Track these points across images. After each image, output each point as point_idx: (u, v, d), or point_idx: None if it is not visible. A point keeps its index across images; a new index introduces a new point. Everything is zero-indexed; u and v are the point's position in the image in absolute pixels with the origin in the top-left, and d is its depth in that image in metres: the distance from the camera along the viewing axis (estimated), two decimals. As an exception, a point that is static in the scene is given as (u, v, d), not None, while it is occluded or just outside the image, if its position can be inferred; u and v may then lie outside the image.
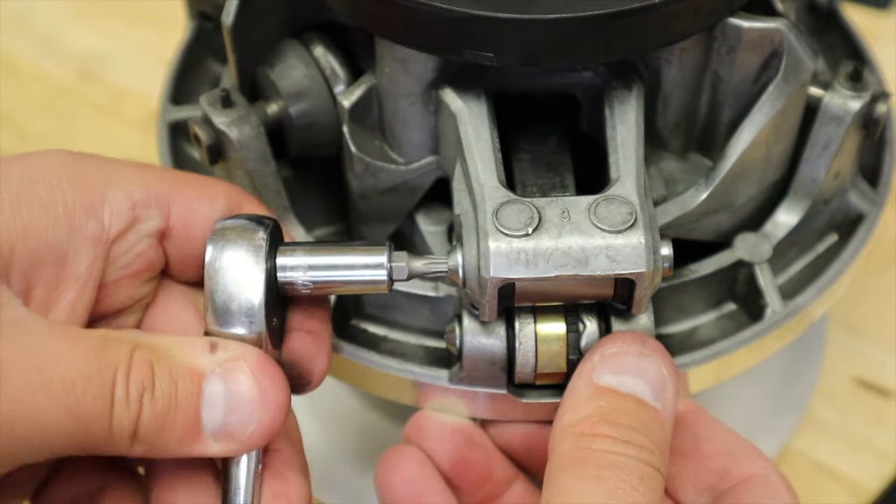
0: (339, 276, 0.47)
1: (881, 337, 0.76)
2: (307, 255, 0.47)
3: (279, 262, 0.47)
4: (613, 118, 0.50)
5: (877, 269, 0.79)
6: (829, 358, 0.75)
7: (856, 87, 0.53)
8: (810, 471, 0.70)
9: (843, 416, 0.58)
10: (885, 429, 0.72)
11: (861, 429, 0.72)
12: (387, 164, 0.54)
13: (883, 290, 0.78)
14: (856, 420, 0.72)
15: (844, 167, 0.56)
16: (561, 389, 0.52)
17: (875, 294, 0.78)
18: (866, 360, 0.75)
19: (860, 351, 0.76)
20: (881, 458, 0.70)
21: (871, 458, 0.71)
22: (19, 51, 0.96)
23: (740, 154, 0.52)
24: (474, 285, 0.47)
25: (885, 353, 0.76)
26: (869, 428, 0.72)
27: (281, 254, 0.47)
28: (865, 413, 0.73)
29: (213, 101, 0.53)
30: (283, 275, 0.47)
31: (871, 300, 0.78)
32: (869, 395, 0.74)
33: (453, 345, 0.51)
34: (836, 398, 0.73)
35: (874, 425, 0.72)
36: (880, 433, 0.72)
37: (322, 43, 0.55)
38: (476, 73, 0.50)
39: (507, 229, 0.46)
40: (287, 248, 0.47)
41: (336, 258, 0.47)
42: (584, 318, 0.50)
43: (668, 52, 0.51)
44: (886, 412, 0.73)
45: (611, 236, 0.46)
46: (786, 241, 0.56)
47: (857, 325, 0.77)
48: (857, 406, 0.73)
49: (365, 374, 0.55)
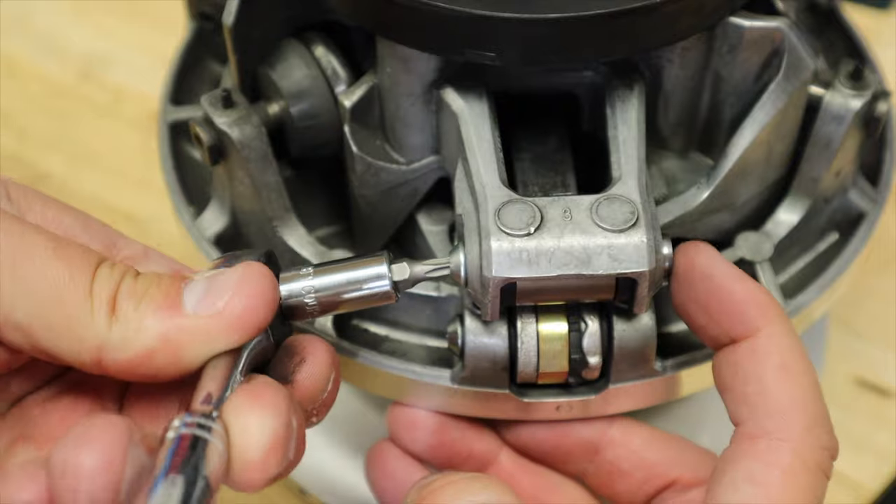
0: (343, 292, 0.47)
1: (881, 337, 0.76)
2: (309, 277, 0.47)
3: (282, 288, 0.46)
4: (615, 117, 0.50)
5: (877, 269, 0.79)
6: (829, 358, 0.75)
7: (856, 86, 0.53)
8: (810, 470, 0.70)
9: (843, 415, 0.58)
10: (885, 428, 0.72)
11: (861, 429, 0.72)
12: (388, 163, 0.54)
13: (883, 290, 0.78)
14: (856, 420, 0.72)
15: (845, 166, 0.56)
16: (562, 388, 0.53)
17: (875, 294, 0.78)
18: (866, 360, 0.75)
19: (860, 351, 0.76)
20: (881, 458, 0.70)
21: (871, 458, 0.70)
22: (19, 51, 0.96)
23: (741, 153, 0.52)
24: (476, 285, 0.47)
25: (885, 353, 0.76)
26: (869, 428, 0.72)
27: (283, 281, 0.47)
28: (865, 413, 0.73)
29: (215, 101, 0.53)
30: (288, 300, 0.47)
31: (871, 300, 0.78)
32: (869, 395, 0.74)
33: (455, 344, 0.51)
34: (836, 398, 0.73)
35: (874, 425, 0.72)
36: (880, 433, 0.72)
37: (323, 43, 0.55)
38: (477, 73, 0.50)
39: (509, 229, 0.46)
40: (288, 275, 0.47)
41: (338, 276, 0.47)
42: (587, 317, 0.50)
43: (670, 52, 0.51)
44: (886, 412, 0.73)
45: (613, 235, 0.46)
46: (787, 240, 0.56)
47: (857, 325, 0.77)
48: (857, 406, 0.73)
49: (366, 374, 0.55)
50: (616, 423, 0.55)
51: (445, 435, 0.55)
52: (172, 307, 0.42)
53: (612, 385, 0.52)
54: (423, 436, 0.55)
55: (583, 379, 0.51)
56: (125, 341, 0.41)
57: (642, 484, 0.55)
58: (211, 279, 0.43)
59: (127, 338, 0.41)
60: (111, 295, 0.41)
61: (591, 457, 0.56)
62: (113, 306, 0.41)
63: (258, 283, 0.43)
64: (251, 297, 0.42)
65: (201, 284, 0.43)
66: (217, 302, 0.42)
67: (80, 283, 0.41)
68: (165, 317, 0.41)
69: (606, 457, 0.56)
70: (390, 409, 0.56)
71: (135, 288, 0.42)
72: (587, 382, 0.52)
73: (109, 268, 0.42)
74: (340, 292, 0.47)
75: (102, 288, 0.41)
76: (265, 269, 0.43)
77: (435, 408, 0.55)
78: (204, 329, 0.42)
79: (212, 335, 0.42)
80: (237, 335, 0.42)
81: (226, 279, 0.43)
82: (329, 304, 0.47)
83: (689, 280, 0.48)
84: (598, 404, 0.53)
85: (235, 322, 0.42)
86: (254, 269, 0.43)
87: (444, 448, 0.55)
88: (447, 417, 0.55)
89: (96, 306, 0.41)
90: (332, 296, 0.47)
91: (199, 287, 0.43)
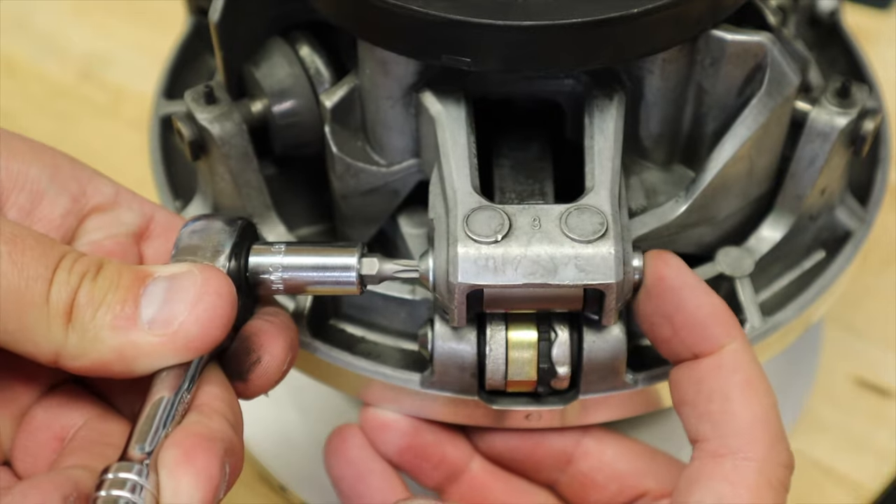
0: (310, 276, 0.47)
1: (880, 336, 0.76)
2: (280, 254, 0.47)
3: (252, 260, 0.47)
4: (592, 127, 0.50)
5: (876, 269, 0.78)
6: (829, 357, 0.74)
7: (843, 104, 0.53)
8: (810, 470, 0.69)
9: (843, 415, 0.58)
10: (885, 428, 0.71)
11: (860, 428, 0.71)
12: (368, 165, 0.54)
13: (882, 289, 0.78)
14: (855, 419, 0.72)
15: (831, 183, 0.55)
16: (532, 397, 0.52)
17: (874, 294, 0.77)
18: (866, 360, 0.75)
19: (859, 350, 0.75)
20: (881, 458, 0.70)
21: (871, 458, 0.70)
22: (19, 51, 0.96)
23: (721, 167, 0.51)
24: (443, 290, 0.47)
25: (884, 353, 0.75)
26: (868, 427, 0.71)
27: (254, 252, 0.47)
28: (865, 412, 0.72)
29: (197, 96, 0.53)
30: (255, 273, 0.47)
31: (870, 300, 0.77)
32: (868, 395, 0.73)
33: (425, 348, 0.51)
34: (836, 398, 0.72)
35: (874, 425, 0.72)
36: (880, 433, 0.71)
37: (308, 43, 0.55)
38: (456, 78, 0.50)
39: (477, 235, 0.46)
40: (260, 248, 0.48)
41: (308, 259, 0.47)
42: (557, 326, 0.50)
43: (650, 63, 0.50)
44: (886, 412, 0.72)
45: (580, 246, 0.46)
46: (769, 257, 0.55)
47: (856, 325, 0.76)
48: (857, 405, 0.73)
49: (340, 375, 0.55)
50: (589, 433, 0.55)
51: (418, 438, 0.55)
52: (128, 319, 0.41)
53: (582, 396, 0.52)
54: (395, 438, 0.55)
55: (552, 388, 0.51)
56: (81, 350, 0.41)
57: (615, 495, 0.55)
58: (171, 284, 0.42)
59: (82, 347, 0.41)
60: (68, 302, 0.41)
61: (563, 466, 0.55)
62: (69, 314, 0.41)
63: (216, 301, 0.42)
64: (206, 320, 0.42)
65: (160, 290, 0.42)
66: (172, 320, 0.42)
67: (36, 291, 0.40)
68: (120, 331, 0.41)
69: (580, 468, 0.55)
70: (362, 410, 0.56)
71: (93, 293, 0.41)
72: (557, 392, 0.52)
73: (68, 270, 0.41)
74: (307, 275, 0.47)
75: (60, 294, 0.41)
76: (225, 285, 0.43)
77: (406, 411, 0.55)
78: (157, 348, 0.42)
79: (164, 354, 0.42)
80: (189, 355, 0.42)
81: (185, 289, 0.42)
82: (294, 285, 0.47)
83: (655, 291, 0.47)
84: (568, 414, 0.52)
85: (189, 344, 0.42)
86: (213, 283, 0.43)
87: (416, 452, 0.55)
88: (420, 421, 0.55)
89: (52, 314, 0.41)
90: (297, 277, 0.47)
91: (158, 294, 0.42)
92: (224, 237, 0.46)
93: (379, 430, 0.55)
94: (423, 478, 0.56)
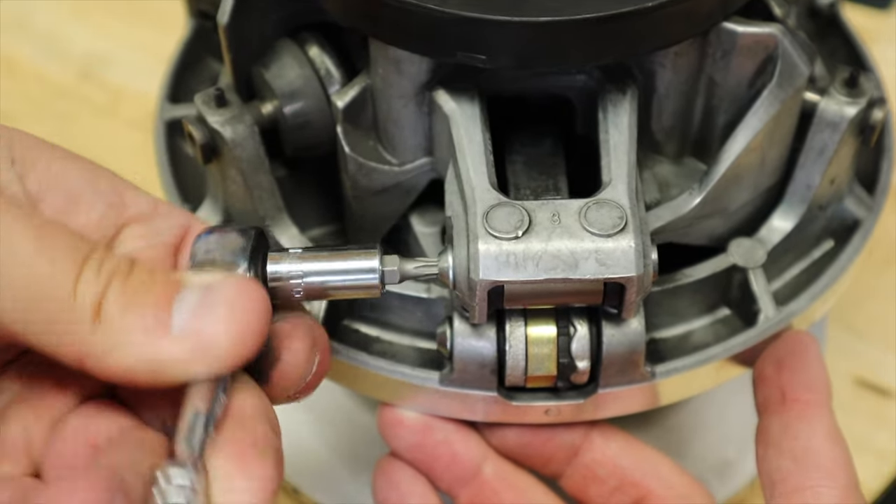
0: (330, 281, 0.46)
1: (881, 337, 0.76)
2: (297, 261, 0.46)
3: (269, 269, 0.46)
4: (606, 121, 0.50)
5: (877, 270, 0.78)
6: (829, 357, 0.74)
7: (852, 93, 0.53)
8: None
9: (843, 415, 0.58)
10: (885, 428, 0.72)
11: (861, 428, 0.72)
12: (381, 164, 0.54)
13: (883, 290, 0.78)
14: (856, 420, 0.72)
15: (840, 173, 0.56)
16: (551, 392, 0.52)
17: (875, 294, 0.78)
18: (866, 360, 0.75)
19: (860, 351, 0.76)
20: (881, 458, 0.70)
21: (871, 458, 0.70)
22: (19, 51, 0.96)
23: (734, 159, 0.51)
24: (464, 288, 0.47)
25: (884, 353, 0.75)
26: (869, 428, 0.72)
27: (270, 261, 0.46)
28: (865, 413, 0.73)
29: (208, 99, 0.53)
30: (273, 283, 0.46)
31: (870, 300, 0.77)
32: (869, 395, 0.74)
33: (444, 346, 0.51)
34: (836, 398, 0.72)
35: (874, 425, 0.72)
36: (880, 433, 0.72)
37: (317, 43, 0.55)
38: (470, 75, 0.50)
39: (497, 232, 0.46)
40: (276, 255, 0.46)
41: (326, 264, 0.46)
42: (576, 321, 0.50)
43: (662, 56, 0.50)
44: (886, 412, 0.73)
45: (601, 240, 0.46)
46: (781, 247, 0.56)
47: (856, 325, 0.77)
48: (857, 406, 0.73)
49: (356, 375, 0.55)
50: (597, 427, 0.56)
51: (429, 436, 0.55)
52: (159, 327, 0.40)
53: (602, 390, 0.52)
54: (407, 435, 0.55)
55: (571, 383, 0.51)
56: (107, 352, 0.39)
57: (614, 491, 0.56)
58: (204, 295, 0.41)
59: (109, 348, 0.39)
60: (96, 299, 0.39)
61: (571, 459, 0.56)
62: (97, 312, 0.39)
63: (250, 314, 0.41)
64: (239, 333, 0.40)
65: (194, 299, 0.41)
66: (205, 329, 0.40)
67: (62, 284, 0.39)
68: (151, 338, 0.40)
69: (583, 459, 0.56)
70: (380, 409, 0.56)
71: (123, 294, 0.40)
72: (576, 387, 0.52)
73: (97, 268, 0.40)
74: (328, 280, 0.46)
75: (88, 288, 0.39)
76: (260, 298, 0.41)
77: (424, 410, 0.55)
78: (188, 359, 0.40)
79: (195, 367, 0.40)
80: (220, 369, 0.41)
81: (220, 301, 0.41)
82: (314, 291, 0.46)
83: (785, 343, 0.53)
84: (587, 408, 0.53)
85: (221, 357, 0.40)
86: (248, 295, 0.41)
87: (427, 449, 0.55)
88: (433, 419, 0.55)
89: (79, 310, 0.39)
90: (318, 282, 0.46)
91: (191, 302, 0.40)
92: (240, 247, 0.45)
93: (393, 427, 0.55)
94: (436, 479, 0.56)
